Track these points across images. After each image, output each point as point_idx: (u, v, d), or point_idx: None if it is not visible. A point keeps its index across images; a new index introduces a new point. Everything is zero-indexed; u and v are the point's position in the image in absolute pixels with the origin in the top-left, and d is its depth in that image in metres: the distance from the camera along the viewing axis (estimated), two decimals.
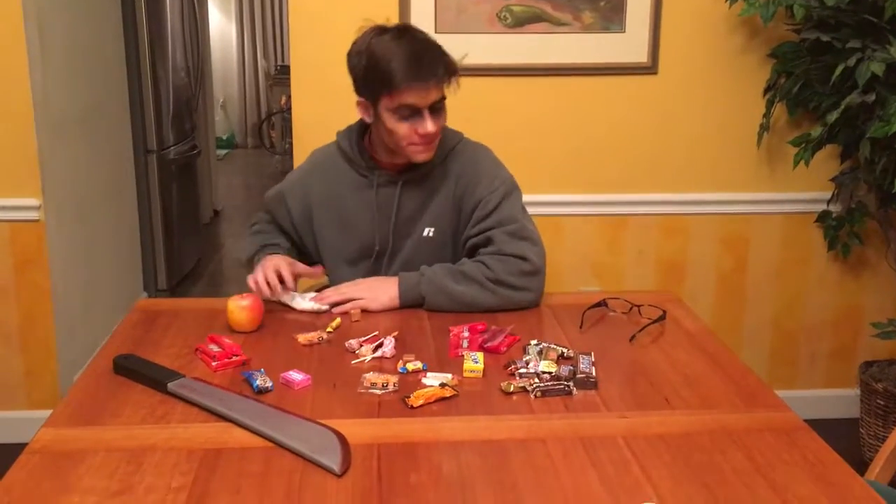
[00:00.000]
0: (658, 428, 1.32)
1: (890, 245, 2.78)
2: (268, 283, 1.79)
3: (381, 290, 1.82)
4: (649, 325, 1.72)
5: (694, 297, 2.92)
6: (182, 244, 4.58)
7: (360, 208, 1.91)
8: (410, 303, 1.81)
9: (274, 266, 1.81)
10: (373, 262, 1.93)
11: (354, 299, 1.80)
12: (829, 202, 2.86)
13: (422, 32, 1.78)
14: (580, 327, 1.73)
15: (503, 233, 1.84)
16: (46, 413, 1.37)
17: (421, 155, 1.81)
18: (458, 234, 1.91)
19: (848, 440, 2.84)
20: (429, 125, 1.74)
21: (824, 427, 1.41)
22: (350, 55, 1.79)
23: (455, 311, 1.80)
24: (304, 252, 2.02)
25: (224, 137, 8.94)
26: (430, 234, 1.90)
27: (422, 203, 1.89)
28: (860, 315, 3.00)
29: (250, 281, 1.81)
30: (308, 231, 1.98)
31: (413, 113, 1.74)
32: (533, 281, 1.82)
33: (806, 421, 1.36)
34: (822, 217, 2.88)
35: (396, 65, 1.70)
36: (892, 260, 2.83)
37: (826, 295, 2.99)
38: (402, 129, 1.76)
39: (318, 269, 1.93)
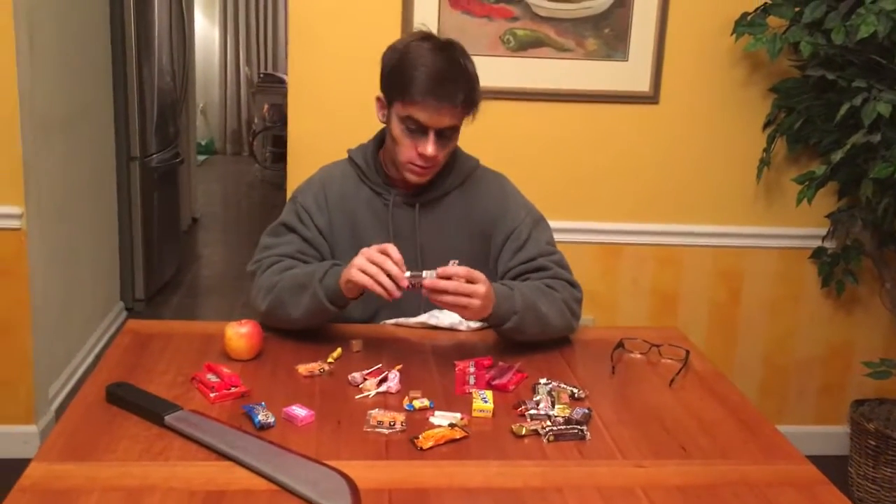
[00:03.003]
0: (677, 479, 1.28)
1: (884, 284, 2.77)
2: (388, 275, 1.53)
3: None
4: (682, 369, 1.68)
5: (686, 328, 2.88)
6: (161, 253, 4.49)
7: (374, 229, 1.80)
8: (500, 316, 1.64)
9: (377, 248, 1.56)
10: None
11: (469, 293, 1.55)
12: (824, 238, 2.85)
13: (464, 56, 1.71)
14: (612, 372, 1.66)
15: (550, 261, 1.80)
16: (20, 428, 1.30)
17: (414, 177, 1.75)
18: (478, 265, 1.72)
19: (836, 478, 2.80)
20: (429, 148, 1.68)
21: (813, 463, 1.38)
22: (387, 49, 1.74)
23: (530, 336, 1.68)
24: None
25: (203, 143, 8.82)
26: (454, 265, 1.82)
27: (440, 230, 1.82)
28: (851, 352, 2.99)
29: (361, 278, 1.53)
30: (330, 244, 1.82)
31: (419, 129, 1.69)
32: (580, 310, 1.79)
33: None
34: (817, 253, 2.86)
35: (419, 75, 1.65)
36: (885, 299, 2.82)
37: (818, 331, 2.98)
38: (405, 142, 1.71)
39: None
